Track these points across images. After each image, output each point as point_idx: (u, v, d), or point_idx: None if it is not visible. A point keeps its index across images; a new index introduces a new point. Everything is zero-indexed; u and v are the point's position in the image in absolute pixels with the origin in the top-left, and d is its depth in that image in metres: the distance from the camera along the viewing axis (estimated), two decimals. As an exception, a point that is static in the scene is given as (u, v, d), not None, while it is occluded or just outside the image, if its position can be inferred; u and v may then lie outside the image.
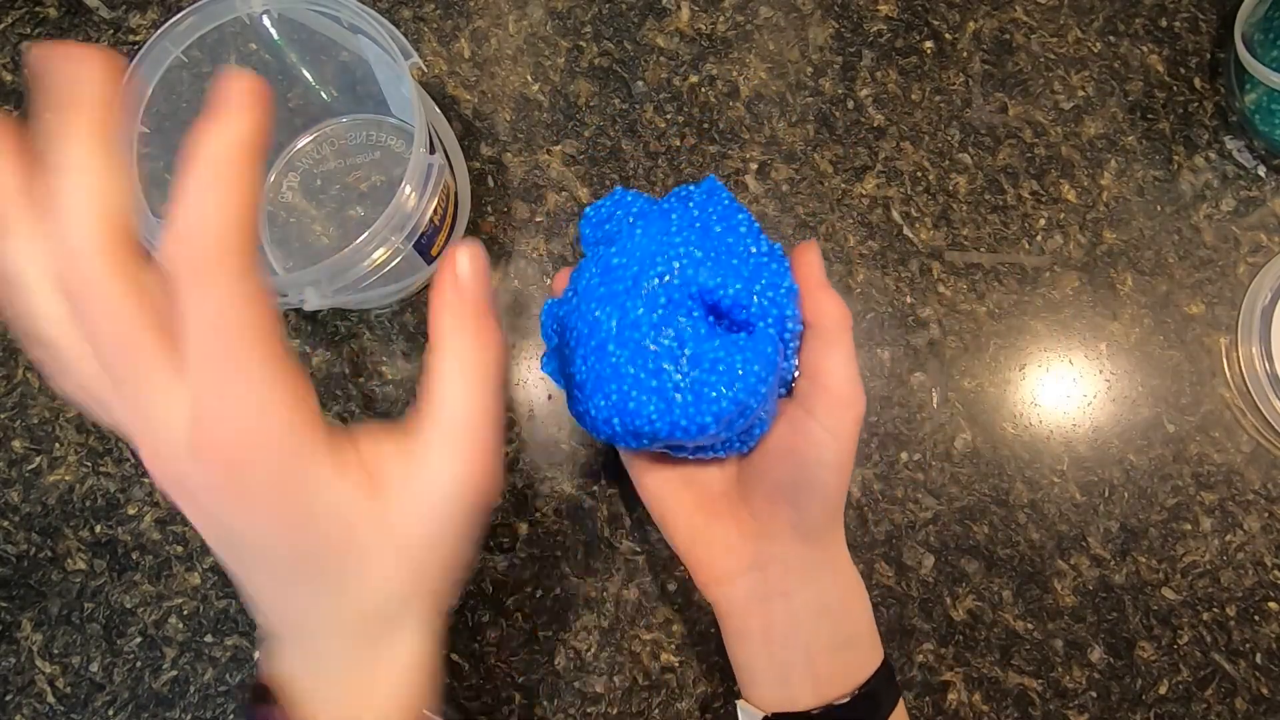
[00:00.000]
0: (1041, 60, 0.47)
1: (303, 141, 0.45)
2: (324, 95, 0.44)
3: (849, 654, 0.33)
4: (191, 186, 0.20)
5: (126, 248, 0.20)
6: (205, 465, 0.21)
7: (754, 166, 0.45)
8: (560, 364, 0.33)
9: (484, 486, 0.24)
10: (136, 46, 0.39)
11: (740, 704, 0.35)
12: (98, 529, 0.43)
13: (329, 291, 0.35)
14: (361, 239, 0.34)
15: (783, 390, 0.34)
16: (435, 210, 0.38)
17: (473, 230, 0.45)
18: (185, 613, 0.42)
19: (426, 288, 0.45)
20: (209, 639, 0.42)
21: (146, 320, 0.21)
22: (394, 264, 0.36)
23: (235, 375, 0.21)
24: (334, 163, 0.45)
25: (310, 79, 0.43)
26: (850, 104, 0.46)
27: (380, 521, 0.23)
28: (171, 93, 0.37)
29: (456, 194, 0.43)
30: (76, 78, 0.20)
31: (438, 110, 0.43)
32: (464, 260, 0.23)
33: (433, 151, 0.36)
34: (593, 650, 0.42)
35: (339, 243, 0.43)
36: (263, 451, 0.21)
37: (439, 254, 0.41)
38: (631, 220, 0.34)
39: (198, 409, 0.21)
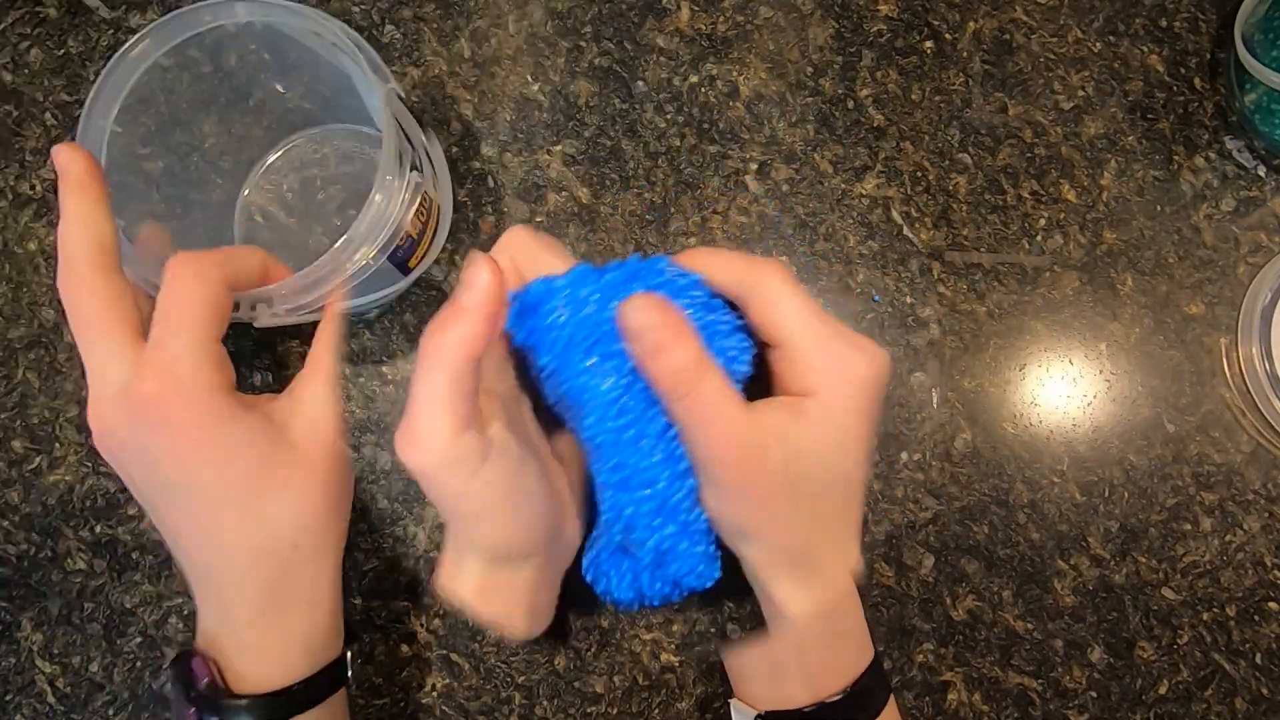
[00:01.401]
0: (1041, 60, 0.47)
1: (277, 153, 0.45)
2: (306, 104, 0.44)
3: (841, 650, 0.33)
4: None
5: (104, 257, 0.30)
6: (139, 409, 0.29)
7: (754, 166, 0.45)
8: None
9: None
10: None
11: (733, 702, 0.34)
12: (98, 529, 0.43)
13: (281, 310, 0.34)
14: (314, 265, 0.34)
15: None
16: (414, 223, 0.38)
17: (473, 231, 0.45)
18: (185, 613, 0.42)
19: (408, 294, 0.45)
20: (209, 639, 0.42)
21: (106, 302, 0.30)
22: (366, 277, 0.36)
23: (173, 341, 0.29)
24: (315, 170, 0.45)
25: (290, 88, 0.43)
26: (850, 104, 0.46)
27: (289, 452, 0.30)
28: (171, 94, 0.37)
29: (439, 205, 0.42)
30: (67, 163, 0.31)
31: (416, 124, 0.43)
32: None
33: (414, 168, 0.36)
34: (593, 650, 0.42)
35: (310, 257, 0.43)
36: (188, 395, 0.29)
37: (418, 265, 0.41)
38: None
39: (140, 364, 0.29)
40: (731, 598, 0.43)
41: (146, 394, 0.28)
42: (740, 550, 0.31)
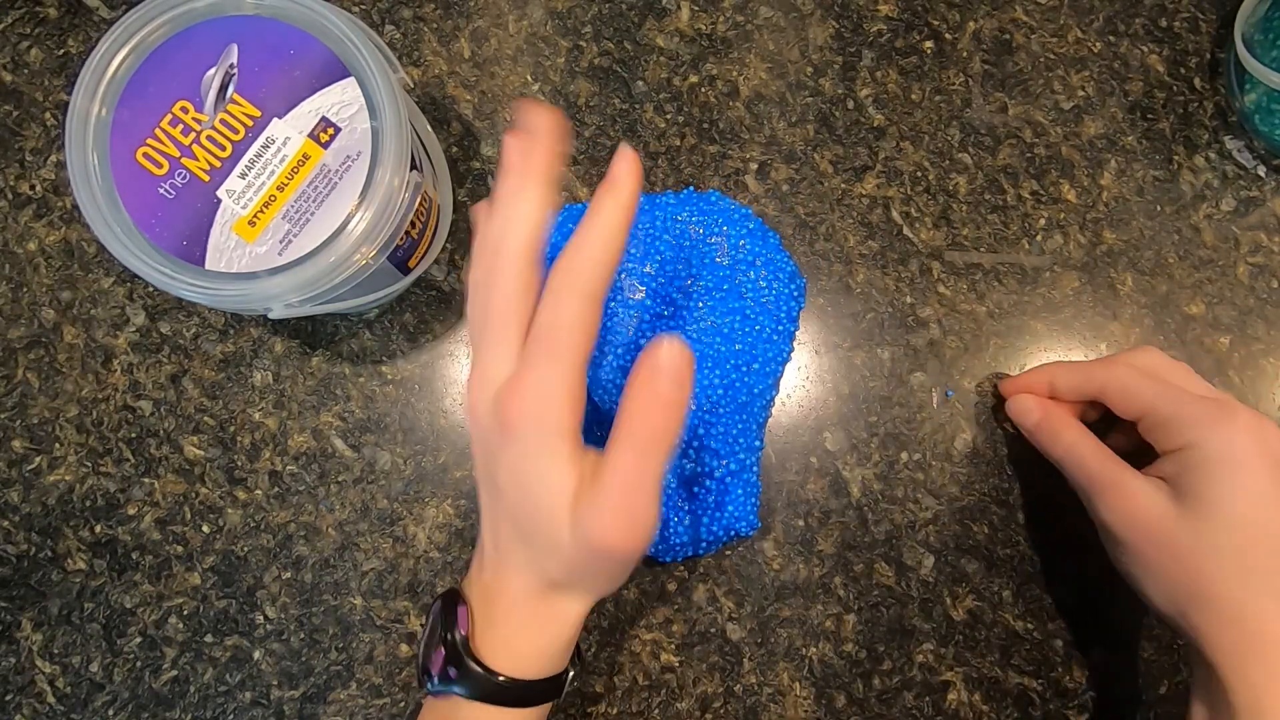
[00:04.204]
0: (1041, 60, 0.47)
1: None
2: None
3: None
4: (587, 227, 0.30)
5: (531, 258, 0.30)
6: (495, 417, 0.30)
7: (754, 166, 0.45)
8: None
9: (629, 543, 0.30)
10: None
11: None
12: (98, 529, 0.43)
13: (295, 302, 0.35)
14: (323, 255, 0.34)
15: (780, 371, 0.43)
16: (414, 223, 0.38)
17: (473, 230, 0.45)
18: (185, 613, 0.42)
19: (406, 294, 0.45)
20: (209, 639, 0.42)
21: (516, 308, 0.30)
22: (365, 277, 0.36)
23: (545, 367, 0.29)
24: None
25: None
26: (850, 104, 0.46)
27: (578, 520, 0.30)
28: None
29: (439, 205, 0.43)
30: (535, 137, 0.31)
31: (424, 118, 0.43)
32: (669, 358, 0.29)
33: (414, 168, 0.36)
34: (593, 650, 0.42)
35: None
36: (534, 427, 0.29)
37: (417, 265, 0.41)
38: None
39: (513, 377, 0.30)
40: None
41: (510, 417, 0.29)
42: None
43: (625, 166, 0.31)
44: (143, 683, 0.42)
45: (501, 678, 0.33)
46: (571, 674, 0.35)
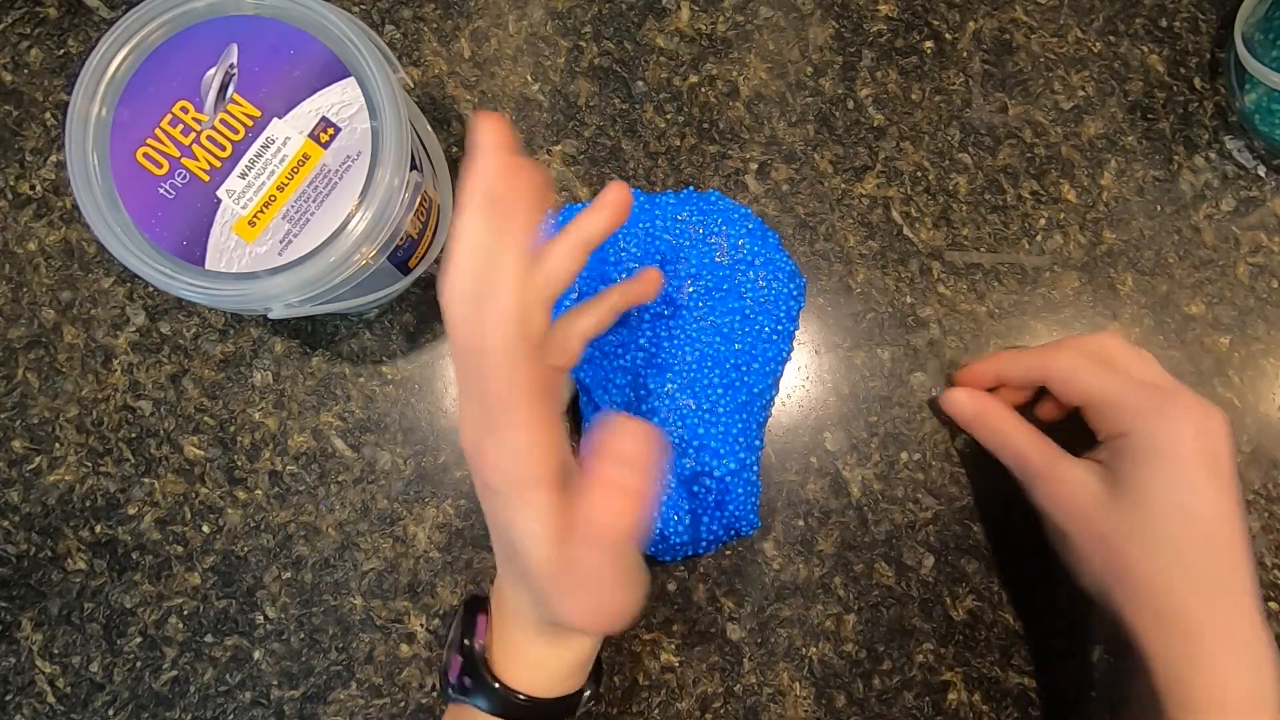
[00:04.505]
0: (1041, 60, 0.47)
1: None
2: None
3: None
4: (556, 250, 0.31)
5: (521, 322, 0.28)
6: (477, 470, 0.29)
7: (754, 166, 0.45)
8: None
9: (599, 627, 0.31)
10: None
11: None
12: (98, 529, 0.43)
13: (295, 302, 0.35)
14: (323, 255, 0.34)
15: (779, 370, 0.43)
16: (414, 223, 0.38)
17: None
18: (185, 613, 0.42)
19: (405, 295, 0.45)
20: (209, 639, 0.42)
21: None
22: (365, 277, 0.36)
23: (509, 430, 0.27)
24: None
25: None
26: (850, 104, 0.46)
27: (550, 599, 0.29)
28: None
29: (439, 205, 0.43)
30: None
31: (424, 119, 0.43)
32: (631, 445, 0.26)
33: (414, 167, 0.36)
34: (593, 650, 0.42)
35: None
36: (508, 482, 0.28)
37: (417, 265, 0.41)
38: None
39: (483, 436, 0.28)
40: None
41: (486, 475, 0.29)
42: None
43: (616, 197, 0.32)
44: (143, 683, 0.42)
45: (522, 696, 0.32)
46: (588, 693, 0.35)
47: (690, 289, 0.42)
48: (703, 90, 0.46)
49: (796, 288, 0.43)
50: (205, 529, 0.43)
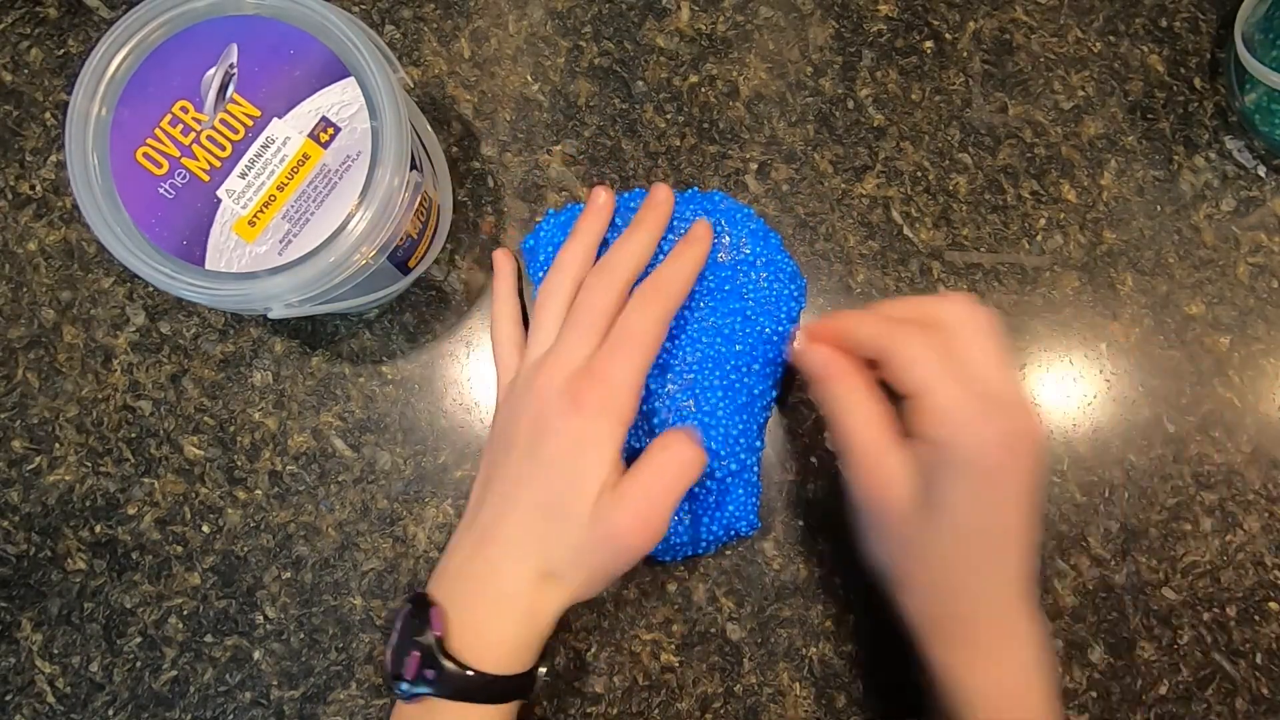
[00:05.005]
0: (1041, 60, 0.47)
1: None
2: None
3: None
4: (681, 258, 0.39)
5: (632, 280, 0.38)
6: (566, 394, 0.35)
7: (754, 166, 0.45)
8: None
9: (637, 541, 0.35)
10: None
11: None
12: (98, 529, 0.43)
13: (295, 302, 0.35)
14: (323, 255, 0.34)
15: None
16: (414, 223, 0.38)
17: (473, 231, 0.45)
18: (185, 613, 0.42)
19: (406, 294, 0.45)
20: (209, 639, 0.42)
21: (611, 312, 0.37)
22: (365, 277, 0.36)
23: (626, 360, 0.35)
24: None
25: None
26: (850, 104, 0.46)
27: (601, 508, 0.34)
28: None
29: (439, 205, 0.43)
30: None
31: (424, 118, 0.43)
32: (690, 445, 0.36)
33: (414, 167, 0.36)
34: (593, 650, 0.42)
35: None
36: (604, 409, 0.34)
37: (417, 265, 0.41)
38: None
39: (594, 363, 0.35)
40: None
41: (584, 397, 0.34)
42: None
43: (706, 228, 0.40)
44: (143, 683, 0.42)
45: (472, 672, 0.33)
46: (543, 670, 0.36)
47: (694, 288, 0.42)
48: (703, 90, 0.46)
49: (798, 289, 0.43)
50: (205, 529, 0.43)
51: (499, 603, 0.34)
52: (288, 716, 0.42)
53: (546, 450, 0.35)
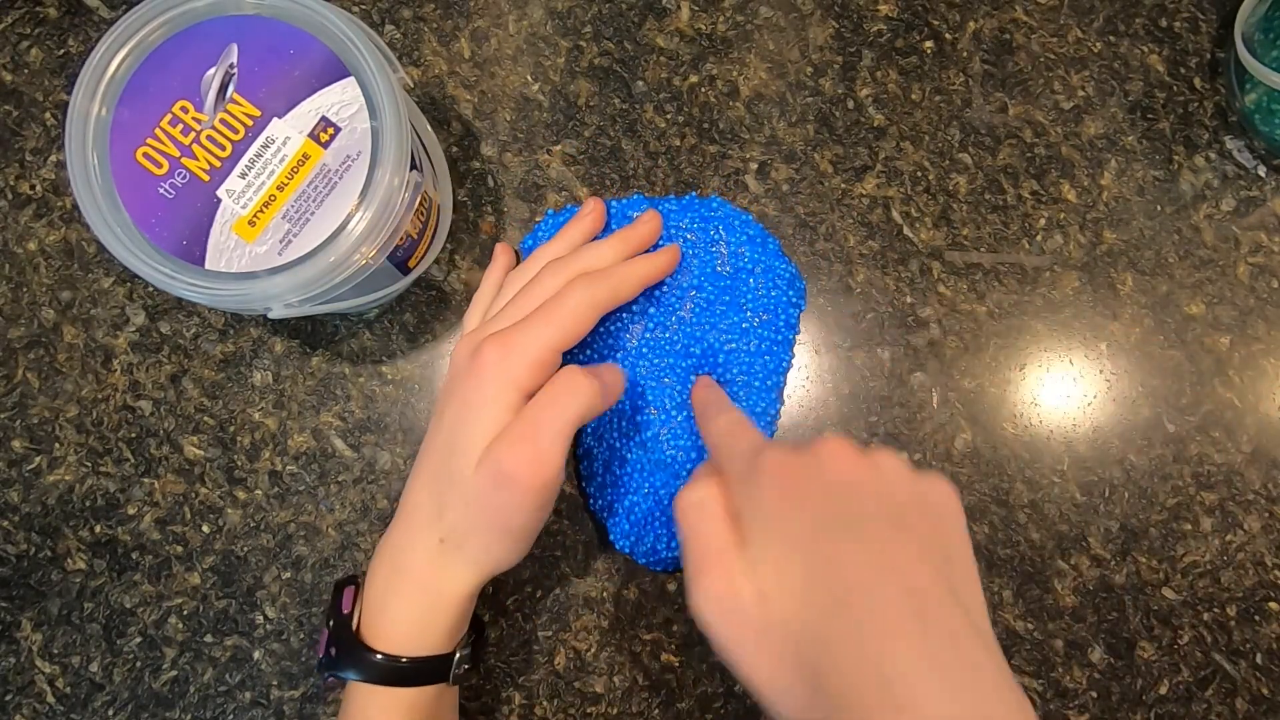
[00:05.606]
0: (1041, 60, 0.47)
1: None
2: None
3: None
4: (636, 265, 0.39)
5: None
6: (472, 357, 0.34)
7: (754, 166, 0.45)
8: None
9: (526, 473, 0.32)
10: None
11: None
12: (98, 529, 0.43)
13: (295, 302, 0.35)
14: (323, 255, 0.34)
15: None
16: (414, 223, 0.38)
17: (473, 231, 0.45)
18: (185, 613, 0.42)
19: (405, 295, 0.45)
20: (209, 639, 0.42)
21: (541, 298, 0.37)
22: (365, 277, 0.36)
23: (533, 330, 0.34)
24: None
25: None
26: (850, 104, 0.46)
27: (488, 450, 0.32)
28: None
29: (439, 205, 0.43)
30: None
31: (424, 119, 0.43)
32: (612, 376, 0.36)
33: (414, 167, 0.36)
34: (593, 650, 0.42)
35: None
36: (496, 371, 0.34)
37: (417, 265, 0.41)
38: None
39: (503, 330, 0.35)
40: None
41: (482, 359, 0.34)
42: None
43: (674, 254, 0.41)
44: (143, 683, 0.42)
45: (379, 655, 0.33)
46: (459, 656, 0.35)
47: (691, 305, 0.42)
48: (703, 90, 0.46)
49: (796, 293, 0.43)
50: (205, 529, 0.43)
51: (399, 578, 0.34)
52: (288, 716, 0.42)
53: (445, 416, 0.35)
